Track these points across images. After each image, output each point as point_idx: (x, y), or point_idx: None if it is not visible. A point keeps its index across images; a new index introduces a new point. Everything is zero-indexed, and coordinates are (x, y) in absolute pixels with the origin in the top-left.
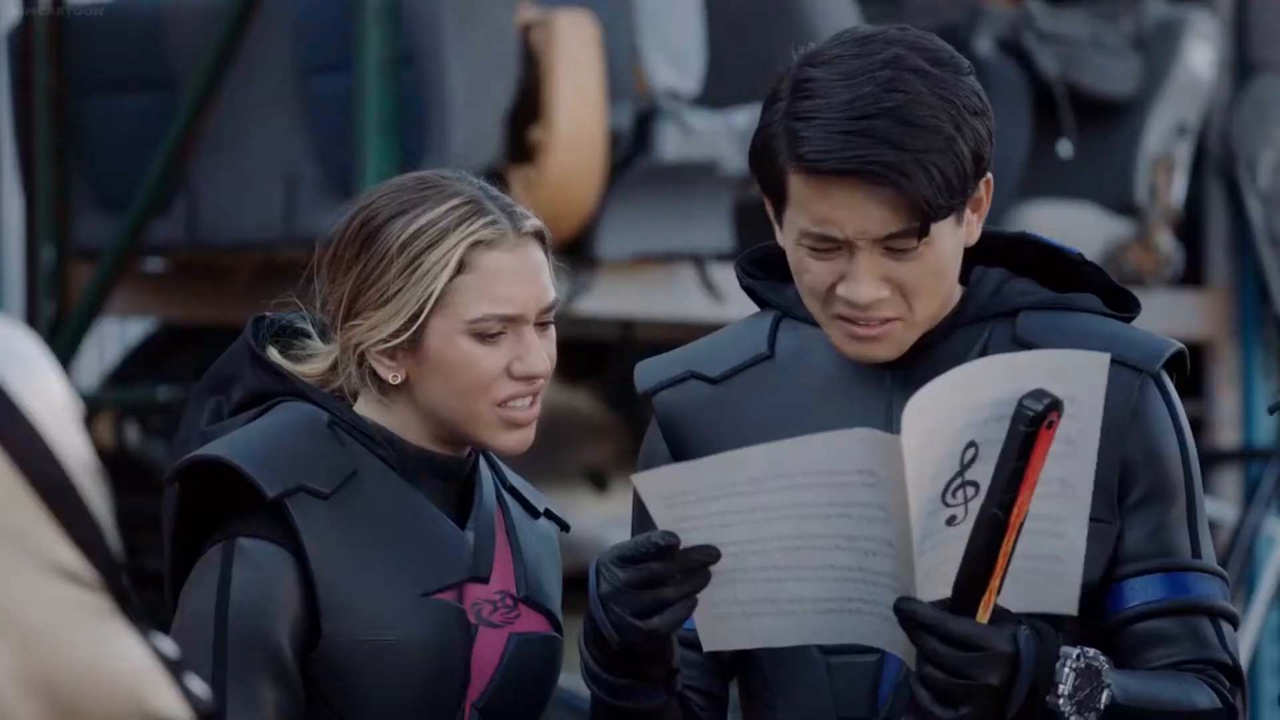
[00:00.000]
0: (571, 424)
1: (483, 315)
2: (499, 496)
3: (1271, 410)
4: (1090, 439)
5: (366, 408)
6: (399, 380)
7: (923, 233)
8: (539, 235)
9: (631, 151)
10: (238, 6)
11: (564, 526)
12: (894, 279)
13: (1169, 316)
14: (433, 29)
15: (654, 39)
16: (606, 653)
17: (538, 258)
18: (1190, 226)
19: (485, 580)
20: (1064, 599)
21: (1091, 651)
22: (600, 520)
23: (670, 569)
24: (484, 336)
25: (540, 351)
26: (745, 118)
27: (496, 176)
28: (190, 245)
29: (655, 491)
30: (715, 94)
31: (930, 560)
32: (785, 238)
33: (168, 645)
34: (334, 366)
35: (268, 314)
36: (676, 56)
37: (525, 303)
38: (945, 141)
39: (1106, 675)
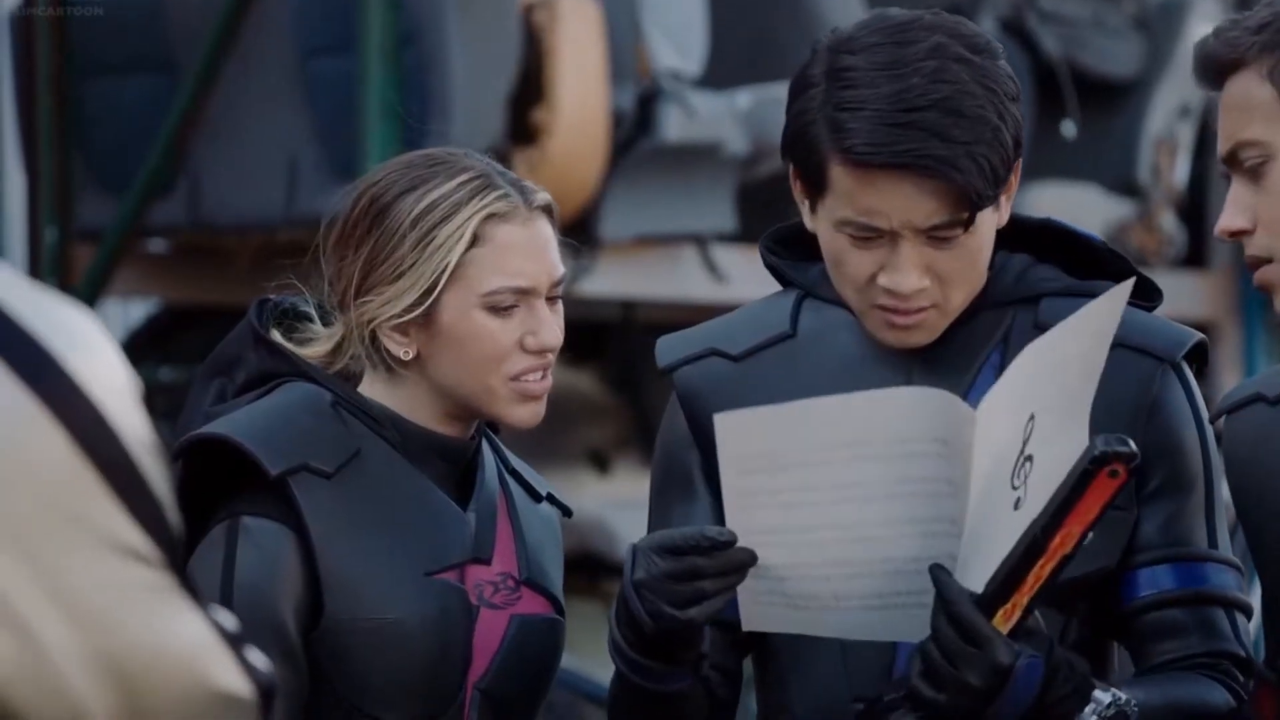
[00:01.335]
0: (573, 405)
1: (497, 288)
2: (501, 479)
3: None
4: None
5: (371, 389)
6: (410, 356)
7: (969, 223)
8: (548, 210)
9: (634, 133)
10: None
11: (566, 512)
12: (935, 268)
13: (1171, 298)
14: (434, 10)
15: (656, 20)
16: (639, 635)
17: (548, 232)
18: (1193, 207)
19: (487, 562)
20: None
21: (1124, 696)
22: (602, 501)
23: (713, 565)
24: (497, 309)
25: (553, 324)
26: (748, 99)
27: (499, 158)
28: (192, 227)
29: (731, 443)
30: (718, 75)
31: (989, 545)
32: (819, 224)
33: (228, 619)
34: (336, 349)
35: (271, 296)
36: (679, 38)
37: (537, 276)
38: (992, 132)
39: (1134, 718)
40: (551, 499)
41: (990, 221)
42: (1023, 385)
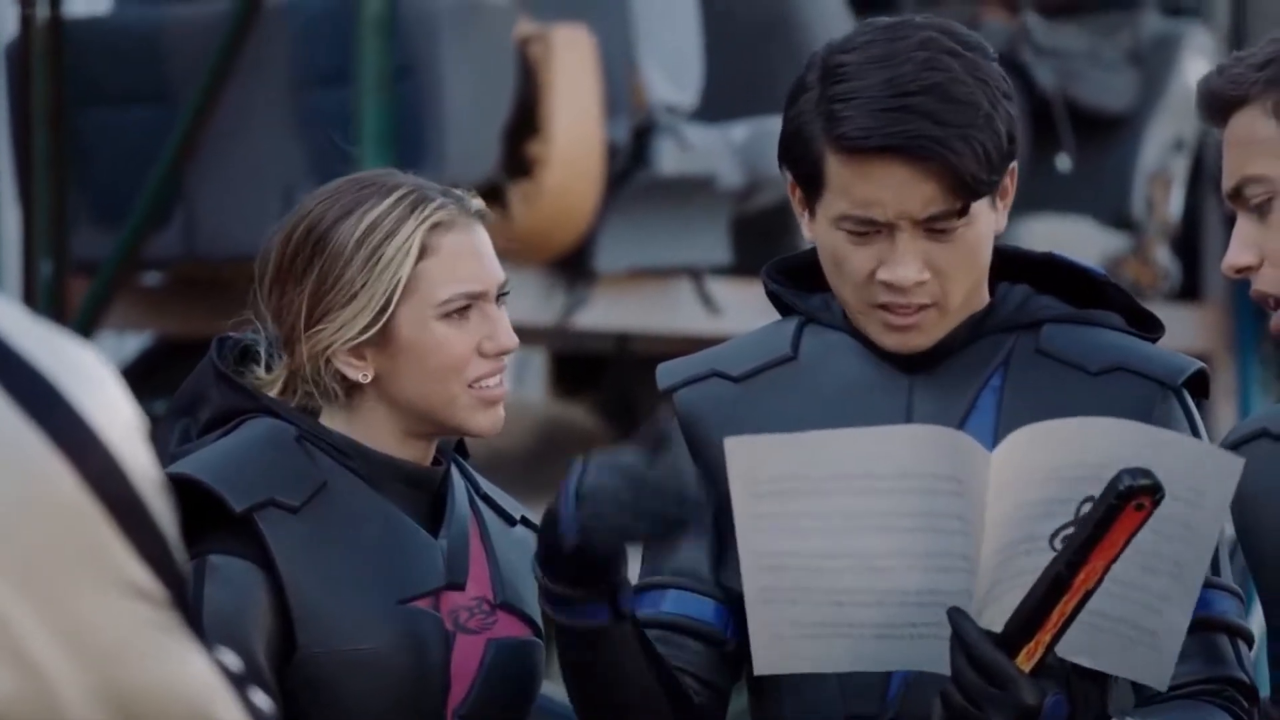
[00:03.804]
0: (567, 437)
1: (451, 295)
2: (473, 504)
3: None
4: (1210, 532)
5: (332, 420)
6: (368, 379)
7: (963, 211)
8: (482, 216)
9: (629, 165)
10: (236, 19)
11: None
12: (933, 263)
13: (1166, 331)
14: (430, 42)
15: (652, 53)
16: (555, 559)
17: (486, 237)
18: (1187, 241)
19: (461, 587)
20: (1155, 674)
21: None
22: None
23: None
24: (453, 317)
25: (508, 326)
26: (743, 131)
27: (494, 190)
28: (188, 259)
29: (741, 467)
30: (713, 108)
31: (1011, 587)
32: (818, 227)
33: (231, 659)
34: (284, 389)
35: (231, 334)
36: (674, 70)
37: (486, 280)
38: (984, 118)
39: None
40: (525, 521)
41: (988, 219)
42: (1079, 459)
